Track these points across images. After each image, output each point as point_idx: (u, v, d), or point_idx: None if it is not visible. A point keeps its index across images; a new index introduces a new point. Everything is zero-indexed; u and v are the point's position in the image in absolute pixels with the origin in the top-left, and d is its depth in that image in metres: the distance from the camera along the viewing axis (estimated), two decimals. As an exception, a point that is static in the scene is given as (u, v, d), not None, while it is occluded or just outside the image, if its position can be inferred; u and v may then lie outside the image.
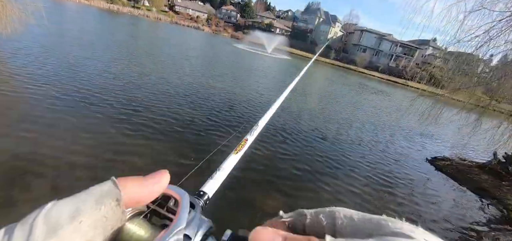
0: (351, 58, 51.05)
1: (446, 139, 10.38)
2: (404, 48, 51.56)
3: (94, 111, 4.96)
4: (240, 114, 6.93)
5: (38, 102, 4.79)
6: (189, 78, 9.47)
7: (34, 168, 3.09)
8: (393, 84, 36.71)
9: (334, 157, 5.76)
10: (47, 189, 2.84)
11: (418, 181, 5.74)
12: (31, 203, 2.59)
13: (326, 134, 7.10)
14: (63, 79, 6.24)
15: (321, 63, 42.67)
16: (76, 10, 28.16)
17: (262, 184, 4.01)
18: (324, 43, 55.07)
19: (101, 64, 8.46)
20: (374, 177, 5.30)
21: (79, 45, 10.53)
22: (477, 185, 6.05)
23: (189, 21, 54.11)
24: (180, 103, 6.59)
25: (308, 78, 18.98)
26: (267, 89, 11.43)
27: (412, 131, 10.25)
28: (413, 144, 8.49)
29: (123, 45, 13.34)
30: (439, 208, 4.76)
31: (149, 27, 29.87)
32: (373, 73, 44.94)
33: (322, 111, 9.86)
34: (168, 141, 4.58)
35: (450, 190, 5.76)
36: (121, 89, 6.48)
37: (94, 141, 3.96)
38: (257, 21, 61.50)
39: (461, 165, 7.14)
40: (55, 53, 8.39)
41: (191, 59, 14.24)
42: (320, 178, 4.65)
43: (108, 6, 45.19)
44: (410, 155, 7.33)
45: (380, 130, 9.22)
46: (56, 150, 3.52)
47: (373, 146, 7.21)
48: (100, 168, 3.40)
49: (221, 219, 3.00)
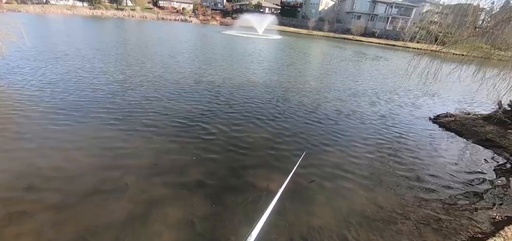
0: (346, 27, 49.59)
1: (449, 96, 10.23)
2: (400, 8, 49.80)
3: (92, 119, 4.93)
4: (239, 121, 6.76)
5: (34, 118, 4.77)
6: (180, 80, 9.32)
7: (39, 178, 3.11)
8: (392, 47, 35.87)
9: (337, 127, 5.72)
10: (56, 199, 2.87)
11: (423, 141, 5.71)
12: (43, 212, 2.63)
13: (327, 107, 7.02)
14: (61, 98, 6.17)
15: (316, 37, 41.66)
16: (60, 21, 27.47)
17: (266, 157, 4.01)
18: (316, 16, 53.49)
19: (88, 73, 8.34)
20: (379, 143, 5.28)
21: (66, 56, 10.35)
22: (482, 137, 6.00)
23: (175, 14, 52.59)
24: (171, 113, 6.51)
25: (303, 58, 18.64)
26: (268, 72, 11.24)
27: (413, 92, 10.10)
28: (416, 105, 8.39)
29: (110, 52, 13.09)
30: (446, 164, 4.75)
31: (135, 27, 29.16)
32: (370, 39, 43.78)
33: (321, 87, 9.70)
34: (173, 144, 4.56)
35: (455, 145, 5.73)
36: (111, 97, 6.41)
37: (94, 148, 3.97)
38: (244, 3, 59.57)
39: (465, 119, 7.06)
40: (42, 69, 8.26)
41: (180, 55, 13.99)
42: (327, 148, 4.64)
43: (92, 12, 44.03)
44: (413, 116, 7.26)
45: (382, 95, 9.10)
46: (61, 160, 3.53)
47: (375, 112, 7.13)
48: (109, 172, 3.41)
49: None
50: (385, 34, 47.70)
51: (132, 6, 52.13)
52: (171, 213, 2.90)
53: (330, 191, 3.59)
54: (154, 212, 2.88)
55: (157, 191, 3.24)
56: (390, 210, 3.33)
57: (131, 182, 3.33)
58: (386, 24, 50.00)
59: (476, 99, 10.06)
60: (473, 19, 6.56)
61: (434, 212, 3.37)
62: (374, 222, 3.08)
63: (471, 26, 6.49)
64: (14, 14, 29.61)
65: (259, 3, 58.60)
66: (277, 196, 2.78)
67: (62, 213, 2.77)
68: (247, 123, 5.59)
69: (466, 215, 3.40)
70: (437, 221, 3.21)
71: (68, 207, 2.86)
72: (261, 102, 7.07)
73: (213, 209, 3.01)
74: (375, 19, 50.77)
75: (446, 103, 9.12)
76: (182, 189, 3.33)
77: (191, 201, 3.10)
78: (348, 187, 3.74)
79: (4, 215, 2.66)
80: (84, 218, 2.73)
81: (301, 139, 5.08)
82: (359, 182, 3.88)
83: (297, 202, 3.28)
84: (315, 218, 3.04)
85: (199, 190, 3.34)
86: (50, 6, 43.76)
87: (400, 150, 5.13)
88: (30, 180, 3.19)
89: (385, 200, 3.52)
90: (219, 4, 62.11)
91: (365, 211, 3.26)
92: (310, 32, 47.34)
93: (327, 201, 3.39)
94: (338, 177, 3.95)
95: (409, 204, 3.50)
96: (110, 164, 3.69)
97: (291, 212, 3.09)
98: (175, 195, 3.20)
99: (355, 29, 46.26)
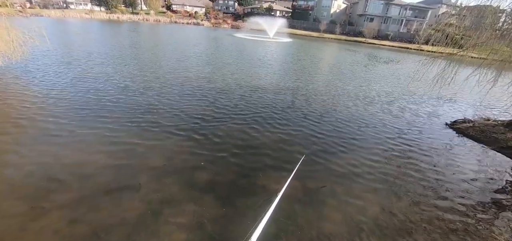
0: (358, 30, 48.82)
1: (466, 101, 9.82)
2: (415, 11, 48.56)
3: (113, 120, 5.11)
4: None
5: (60, 117, 5.00)
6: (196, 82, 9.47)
7: (56, 177, 3.26)
8: (405, 50, 34.91)
9: (350, 131, 5.62)
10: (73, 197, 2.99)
11: (439, 147, 5.51)
12: (60, 211, 2.75)
13: (340, 111, 6.92)
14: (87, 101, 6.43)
15: (328, 40, 41.24)
16: (78, 24, 28.75)
17: (272, 157, 4.00)
18: (328, 19, 52.97)
19: (106, 77, 8.64)
20: (393, 148, 5.14)
21: (83, 58, 10.80)
22: (503, 144, 5.71)
23: (188, 18, 53.77)
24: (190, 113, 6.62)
25: (313, 61, 18.53)
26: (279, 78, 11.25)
27: (428, 96, 9.77)
28: (431, 110, 8.11)
29: (125, 54, 13.52)
30: (463, 172, 4.56)
31: (149, 30, 30.02)
32: (383, 42, 42.87)
33: (333, 91, 9.59)
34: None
35: (473, 152, 5.49)
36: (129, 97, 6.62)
37: (116, 148, 4.11)
38: (255, 6, 60.01)
39: (484, 125, 6.75)
40: (70, 70, 8.66)
41: (190, 59, 14.25)
42: (340, 153, 4.56)
43: (108, 16, 45.81)
44: (428, 121, 7.02)
45: (396, 100, 8.86)
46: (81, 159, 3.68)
47: (389, 117, 6.95)
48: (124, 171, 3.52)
49: (238, 211, 3.02)
50: (398, 36, 46.58)
51: (146, 10, 53.81)
52: (182, 213, 2.95)
53: (341, 196, 3.53)
54: (166, 212, 2.93)
55: (169, 191, 3.30)
56: (403, 219, 3.22)
57: (143, 182, 3.41)
58: (400, 26, 48.83)
59: (496, 105, 9.60)
60: (493, 21, 6.29)
61: (451, 223, 3.24)
62: (387, 230, 2.99)
63: (490, 28, 6.23)
64: (37, 18, 31.31)
65: (270, 6, 58.83)
66: (278, 198, 2.73)
67: (78, 211, 2.88)
68: (258, 126, 5.60)
69: (485, 226, 3.24)
70: (453, 232, 3.08)
71: (83, 205, 2.96)
72: (271, 105, 7.07)
73: (223, 211, 3.03)
74: (388, 22, 49.70)
75: (464, 108, 8.75)
76: (193, 190, 3.37)
77: (201, 202, 3.14)
78: (360, 193, 3.66)
79: (26, 210, 2.80)
80: (98, 216, 2.82)
81: (310, 143, 5.03)
82: (371, 188, 3.79)
83: (308, 207, 3.24)
84: (326, 224, 3.00)
85: (210, 191, 3.37)
86: (70, 10, 45.96)
87: (415, 157, 4.97)
88: (48, 179, 3.34)
89: (399, 208, 3.42)
90: (230, 7, 62.92)
91: (378, 218, 3.18)
92: (321, 34, 46.97)
93: (338, 206, 3.33)
94: (350, 182, 3.88)
95: (424, 213, 3.38)
96: (124, 164, 3.80)
97: (301, 217, 3.06)
98: (186, 195, 3.25)
99: (368, 32, 45.44)
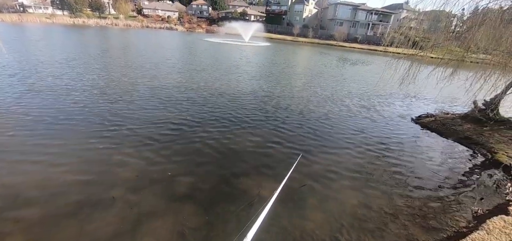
0: (330, 34, 51.23)
1: (428, 97, 10.74)
2: (379, 15, 52.22)
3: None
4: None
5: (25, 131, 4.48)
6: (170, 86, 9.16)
7: (19, 196, 2.90)
8: (373, 52, 37.37)
9: (322, 132, 5.82)
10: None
11: (407, 141, 5.93)
12: (23, 233, 2.44)
13: (314, 113, 7.15)
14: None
15: (302, 43, 42.60)
16: (39, 30, 26.29)
17: (252, 162, 3.99)
18: (300, 23, 54.85)
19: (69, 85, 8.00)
20: (366, 144, 5.42)
21: (44, 66, 9.90)
22: (461, 135, 6.33)
23: (160, 22, 52.03)
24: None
25: (289, 64, 18.96)
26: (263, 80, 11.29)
27: (395, 94, 10.53)
28: (398, 107, 8.74)
29: (91, 61, 12.69)
30: (429, 162, 4.96)
31: (118, 36, 28.47)
32: (353, 45, 45.41)
33: (307, 93, 9.89)
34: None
35: (437, 144, 6.00)
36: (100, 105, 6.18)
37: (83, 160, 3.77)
38: (230, 11, 60.05)
39: (445, 118, 7.44)
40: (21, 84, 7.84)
41: (164, 64, 13.80)
42: (318, 153, 4.69)
43: (72, 21, 42.62)
44: (396, 118, 7.54)
45: (365, 99, 9.40)
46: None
47: (361, 115, 7.35)
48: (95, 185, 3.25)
49: (221, 218, 2.95)
50: (366, 39, 49.65)
51: (115, 14, 51.00)
52: (161, 226, 2.80)
53: (321, 195, 3.62)
54: (143, 226, 2.76)
55: (146, 203, 3.12)
56: (379, 210, 3.40)
57: (117, 196, 3.19)
58: (367, 30, 52.12)
59: (454, 100, 10.64)
60: (446, 24, 7.01)
61: (420, 210, 3.49)
62: (365, 223, 3.13)
63: (445, 31, 6.92)
64: (-13, 24, 28.02)
65: (245, 11, 59.32)
66: (270, 202, 2.75)
67: (44, 232, 2.59)
68: (237, 131, 5.56)
69: (451, 210, 3.54)
70: (423, 218, 3.32)
71: (49, 225, 2.68)
72: (249, 109, 7.08)
73: (205, 219, 2.94)
74: (356, 26, 52.79)
75: (427, 104, 9.57)
76: (173, 200, 3.23)
77: (182, 212, 3.01)
78: (337, 189, 3.79)
79: (-24, 239, 2.45)
80: (67, 236, 2.56)
81: (291, 145, 5.12)
82: (348, 184, 3.95)
83: (289, 207, 3.27)
84: (308, 222, 3.05)
85: (190, 200, 3.25)
86: (27, 14, 41.93)
87: (386, 151, 5.29)
88: (9, 198, 2.98)
89: (374, 200, 3.60)
90: (204, 12, 62.15)
91: (356, 212, 3.31)
92: (295, 38, 48.38)
93: (319, 204, 3.41)
94: (328, 180, 4.00)
95: (396, 203, 3.60)
96: (95, 178, 3.52)
97: (284, 217, 3.08)
98: (165, 206, 3.10)
99: (338, 35, 47.83)
